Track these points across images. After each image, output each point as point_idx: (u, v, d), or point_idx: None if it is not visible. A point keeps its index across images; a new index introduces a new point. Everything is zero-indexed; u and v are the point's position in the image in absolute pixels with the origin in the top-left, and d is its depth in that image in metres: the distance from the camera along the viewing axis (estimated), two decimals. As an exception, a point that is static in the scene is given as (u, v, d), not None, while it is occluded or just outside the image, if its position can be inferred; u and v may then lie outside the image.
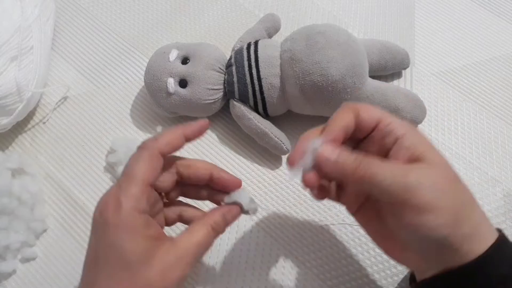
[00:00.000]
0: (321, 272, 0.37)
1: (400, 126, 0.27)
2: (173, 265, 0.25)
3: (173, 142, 0.28)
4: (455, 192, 0.25)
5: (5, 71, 0.40)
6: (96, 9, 0.53)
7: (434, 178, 0.25)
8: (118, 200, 0.25)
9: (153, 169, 0.27)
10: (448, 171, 0.26)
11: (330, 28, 0.39)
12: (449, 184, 0.25)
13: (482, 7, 0.52)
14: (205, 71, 0.40)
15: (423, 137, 0.27)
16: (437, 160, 0.26)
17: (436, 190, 0.24)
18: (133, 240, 0.25)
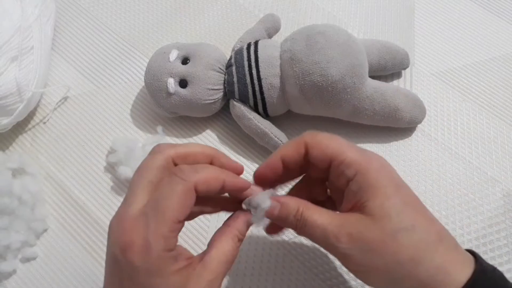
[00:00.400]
0: (321, 272, 0.37)
1: (351, 166, 0.25)
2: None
3: (211, 183, 0.25)
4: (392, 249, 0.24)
5: (6, 71, 0.40)
6: (96, 9, 0.53)
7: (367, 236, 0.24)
8: (146, 241, 0.22)
9: (185, 207, 0.24)
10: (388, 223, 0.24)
11: (330, 28, 0.39)
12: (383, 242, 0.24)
13: (482, 7, 0.52)
14: (205, 71, 0.40)
15: (374, 179, 0.25)
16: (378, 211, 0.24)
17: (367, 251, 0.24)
18: (167, 281, 0.23)
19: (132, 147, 0.41)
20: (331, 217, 0.26)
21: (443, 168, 0.42)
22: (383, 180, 0.25)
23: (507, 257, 0.38)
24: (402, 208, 0.25)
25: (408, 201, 0.25)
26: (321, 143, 0.27)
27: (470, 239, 0.39)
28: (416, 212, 0.25)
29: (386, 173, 0.26)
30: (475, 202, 0.40)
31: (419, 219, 0.25)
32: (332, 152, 0.26)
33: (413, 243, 0.24)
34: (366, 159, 0.26)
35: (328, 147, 0.26)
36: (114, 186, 0.42)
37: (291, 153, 0.28)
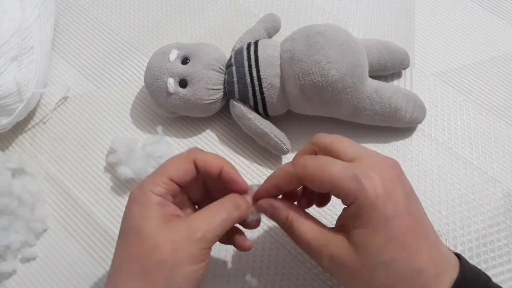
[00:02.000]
0: (321, 272, 0.37)
1: (347, 198, 0.26)
2: (182, 232, 0.26)
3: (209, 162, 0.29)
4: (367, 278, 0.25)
5: (5, 71, 0.40)
6: (96, 9, 0.53)
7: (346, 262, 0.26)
8: (141, 184, 0.28)
9: (182, 170, 0.28)
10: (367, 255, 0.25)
11: (330, 28, 0.39)
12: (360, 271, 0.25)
13: (482, 7, 0.52)
14: (205, 71, 0.40)
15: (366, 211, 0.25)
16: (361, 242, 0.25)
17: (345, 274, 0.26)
18: (146, 210, 0.26)
19: (132, 147, 0.40)
20: (318, 234, 0.27)
21: (443, 168, 0.42)
22: (375, 213, 0.25)
23: (507, 257, 0.38)
24: (385, 243, 0.25)
25: (395, 235, 0.25)
26: (314, 178, 0.27)
27: (470, 239, 0.39)
28: (399, 247, 0.25)
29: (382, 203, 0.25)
30: (475, 202, 0.40)
31: (399, 255, 0.25)
32: (327, 185, 0.26)
33: (389, 277, 0.25)
34: (362, 189, 0.25)
35: (322, 180, 0.26)
36: (114, 186, 0.42)
37: (285, 184, 0.29)
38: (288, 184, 0.29)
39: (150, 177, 0.28)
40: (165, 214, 0.27)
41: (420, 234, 0.26)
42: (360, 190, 0.25)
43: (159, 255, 0.25)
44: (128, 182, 0.42)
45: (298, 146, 0.43)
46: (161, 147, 0.41)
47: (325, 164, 0.26)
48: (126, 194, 0.41)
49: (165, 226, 0.26)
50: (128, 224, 0.27)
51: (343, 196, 0.26)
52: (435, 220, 0.40)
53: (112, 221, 0.40)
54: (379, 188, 0.25)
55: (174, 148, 0.43)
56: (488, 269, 0.37)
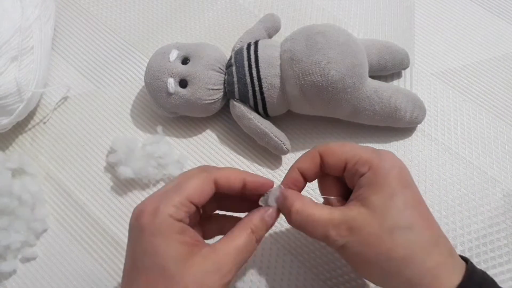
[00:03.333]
0: (321, 272, 0.37)
1: (365, 164, 0.27)
2: (212, 271, 0.24)
3: (231, 179, 0.28)
4: (386, 245, 0.25)
5: (6, 71, 0.40)
6: (96, 9, 0.53)
7: (366, 230, 0.25)
8: (156, 206, 0.25)
9: (202, 191, 0.26)
10: (387, 219, 0.25)
11: (330, 28, 0.39)
12: (380, 237, 0.25)
13: (482, 7, 0.52)
14: (205, 71, 0.40)
15: (383, 176, 0.26)
16: (380, 206, 0.25)
17: (364, 245, 0.26)
18: (169, 245, 0.24)
19: (132, 147, 0.41)
20: (331, 213, 0.27)
21: (443, 168, 0.42)
22: (392, 179, 0.26)
23: (507, 257, 0.38)
24: (404, 208, 0.25)
25: (411, 202, 0.26)
26: (335, 150, 0.28)
27: (470, 239, 0.39)
28: (417, 213, 0.26)
29: (396, 173, 0.27)
30: (475, 202, 0.40)
31: (418, 220, 0.26)
32: (347, 156, 0.28)
33: (408, 243, 0.25)
34: (379, 157, 0.27)
35: (343, 152, 0.28)
36: (114, 186, 0.42)
37: (307, 164, 0.29)
38: (309, 165, 0.29)
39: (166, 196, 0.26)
40: (188, 245, 0.25)
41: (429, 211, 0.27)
42: (378, 159, 0.27)
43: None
44: (129, 182, 0.42)
45: (298, 146, 0.43)
46: (161, 147, 0.41)
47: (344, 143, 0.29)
48: (127, 194, 0.41)
49: (192, 263, 0.24)
50: (149, 261, 0.24)
51: (360, 164, 0.27)
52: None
53: (112, 221, 0.40)
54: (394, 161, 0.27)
55: (174, 148, 0.43)
56: (488, 269, 0.37)
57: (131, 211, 0.40)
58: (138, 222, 0.25)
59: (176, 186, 0.26)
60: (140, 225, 0.25)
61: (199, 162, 0.43)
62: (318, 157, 0.29)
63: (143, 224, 0.25)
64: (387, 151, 0.29)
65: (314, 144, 0.43)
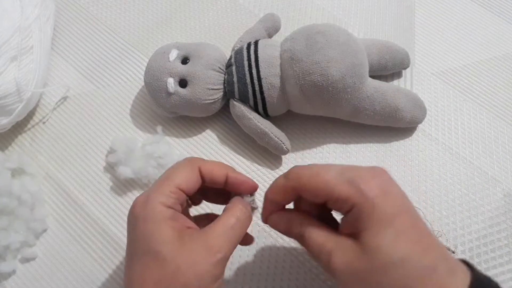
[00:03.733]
0: (321, 272, 0.37)
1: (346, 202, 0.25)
2: (202, 250, 0.25)
3: (215, 171, 0.29)
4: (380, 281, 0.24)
5: (5, 71, 0.40)
6: (96, 9, 0.53)
7: (357, 266, 0.25)
8: (147, 196, 0.26)
9: (189, 179, 0.28)
10: (378, 255, 0.24)
11: (330, 28, 0.39)
12: (372, 274, 0.24)
13: (482, 7, 0.52)
14: (205, 71, 0.40)
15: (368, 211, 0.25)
16: (370, 242, 0.24)
17: (357, 280, 0.25)
18: (160, 230, 0.25)
19: (132, 147, 0.40)
20: (327, 240, 0.26)
21: (443, 168, 0.42)
22: (377, 212, 0.24)
23: (508, 257, 0.38)
24: (395, 240, 0.24)
25: (402, 230, 0.25)
26: (308, 187, 0.26)
27: (471, 239, 0.39)
28: (411, 241, 0.24)
29: (382, 202, 0.25)
30: (476, 202, 0.40)
31: (412, 249, 0.24)
32: (323, 193, 0.26)
33: (403, 275, 0.24)
34: (359, 192, 0.25)
35: (317, 188, 0.26)
36: (113, 186, 0.42)
37: (281, 198, 0.29)
38: (284, 198, 0.28)
39: (156, 187, 0.27)
40: (179, 229, 0.26)
41: (424, 232, 0.26)
42: (358, 193, 0.25)
43: (183, 279, 0.24)
44: (128, 182, 0.42)
45: (298, 146, 0.43)
46: (161, 147, 0.41)
47: (318, 172, 0.26)
48: (126, 194, 0.41)
49: (183, 245, 0.25)
50: (142, 247, 0.25)
51: (341, 202, 0.25)
52: (435, 220, 0.40)
53: (112, 221, 0.40)
54: (376, 189, 0.25)
55: (174, 148, 0.43)
56: (489, 269, 0.37)
57: (130, 211, 0.40)
58: (131, 213, 0.27)
59: (165, 177, 0.28)
60: (133, 214, 0.26)
61: (199, 162, 0.43)
62: (293, 193, 0.28)
63: (136, 213, 0.26)
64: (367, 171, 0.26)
65: (314, 144, 0.43)
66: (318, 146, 0.43)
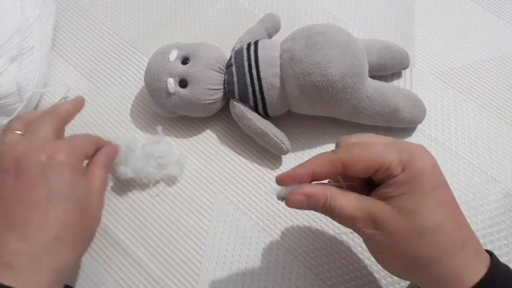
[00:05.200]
0: (321, 272, 0.37)
1: (398, 167, 0.26)
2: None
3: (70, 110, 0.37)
4: (413, 244, 0.25)
5: (6, 71, 0.40)
6: (96, 9, 0.53)
7: (392, 227, 0.25)
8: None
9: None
10: (415, 219, 0.25)
11: (330, 28, 0.39)
12: (406, 236, 0.25)
13: (482, 7, 0.52)
14: (205, 71, 0.40)
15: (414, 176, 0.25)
16: (409, 206, 0.25)
17: (389, 240, 0.26)
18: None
19: (132, 147, 0.40)
20: (359, 204, 0.26)
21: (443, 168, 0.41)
22: (423, 179, 0.26)
23: (508, 257, 0.38)
24: (433, 209, 0.25)
25: (441, 201, 0.26)
26: (360, 158, 0.26)
27: (470, 239, 0.39)
28: (446, 214, 0.26)
29: (428, 173, 0.26)
30: (475, 202, 0.40)
31: (447, 221, 0.25)
32: (375, 164, 0.26)
33: (435, 244, 0.25)
34: (411, 157, 0.26)
35: (370, 160, 0.26)
36: (113, 186, 0.42)
37: (325, 171, 0.27)
38: (328, 171, 0.27)
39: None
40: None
41: (460, 210, 0.27)
42: (409, 159, 0.26)
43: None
44: (128, 182, 0.42)
45: (298, 146, 0.43)
46: (161, 147, 0.41)
47: (369, 144, 0.27)
48: (126, 194, 0.41)
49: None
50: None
51: (393, 168, 0.26)
52: (435, 220, 0.40)
53: (112, 221, 0.40)
54: (426, 159, 0.26)
55: (174, 148, 0.43)
56: (488, 269, 0.37)
57: (131, 211, 0.40)
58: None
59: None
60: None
61: (199, 162, 0.43)
62: (340, 166, 0.27)
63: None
64: (417, 146, 0.27)
65: (314, 144, 0.43)
66: (318, 146, 0.43)
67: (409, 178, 0.25)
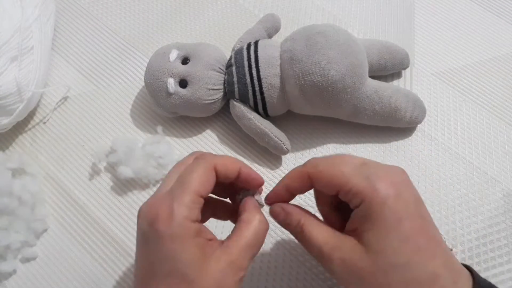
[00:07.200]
0: (321, 272, 0.37)
1: (357, 196, 0.25)
2: (228, 271, 0.25)
3: (229, 167, 0.28)
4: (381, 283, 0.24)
5: (6, 71, 0.40)
6: (96, 9, 0.53)
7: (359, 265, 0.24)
8: (171, 209, 0.24)
9: (206, 182, 0.26)
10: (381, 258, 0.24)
11: (330, 28, 0.39)
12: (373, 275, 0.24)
13: (482, 7, 0.52)
14: (205, 71, 0.40)
15: (377, 211, 0.24)
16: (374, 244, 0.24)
17: (356, 279, 0.25)
18: (187, 251, 0.24)
19: (132, 147, 0.41)
20: (329, 237, 0.26)
21: (443, 168, 0.42)
22: (386, 213, 0.24)
23: (507, 257, 0.38)
24: (400, 244, 0.24)
25: (407, 236, 0.24)
26: (324, 175, 0.27)
27: (470, 239, 0.39)
28: (413, 249, 0.24)
29: (392, 203, 0.24)
30: (475, 202, 0.40)
31: (414, 257, 0.24)
32: (338, 183, 0.26)
33: (403, 281, 0.24)
34: (372, 188, 0.25)
35: (333, 177, 0.26)
36: (114, 186, 0.42)
37: (295, 184, 0.28)
38: (298, 185, 0.28)
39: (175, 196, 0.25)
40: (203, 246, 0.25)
41: (433, 238, 0.25)
42: (371, 189, 0.25)
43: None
44: (128, 182, 0.42)
45: (298, 146, 0.43)
46: (161, 147, 0.41)
47: (336, 163, 0.27)
48: (126, 194, 0.41)
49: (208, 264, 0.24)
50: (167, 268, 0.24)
51: (352, 195, 0.25)
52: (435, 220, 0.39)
53: (112, 221, 0.40)
54: (390, 188, 0.25)
55: (174, 148, 0.43)
56: (488, 269, 0.37)
57: (131, 211, 0.40)
58: (153, 227, 0.24)
59: (181, 183, 0.26)
60: (156, 230, 0.24)
61: (199, 162, 0.43)
62: (307, 178, 0.27)
63: (161, 230, 0.24)
64: (386, 171, 0.26)
65: (314, 144, 0.43)
66: (318, 146, 0.43)
67: (370, 212, 0.25)
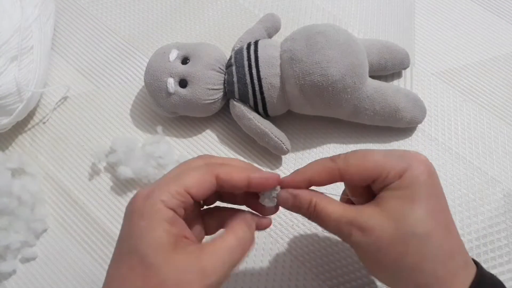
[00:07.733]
0: (321, 272, 0.37)
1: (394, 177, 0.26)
2: (194, 270, 0.22)
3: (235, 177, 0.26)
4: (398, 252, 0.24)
5: (5, 71, 0.40)
6: (96, 9, 0.53)
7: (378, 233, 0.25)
8: (151, 191, 0.24)
9: (202, 184, 0.25)
10: (403, 224, 0.25)
11: (330, 28, 0.39)
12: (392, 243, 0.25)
13: (482, 7, 0.52)
14: (205, 71, 0.40)
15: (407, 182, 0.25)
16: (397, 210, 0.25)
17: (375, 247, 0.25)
18: (153, 231, 0.23)
19: (132, 147, 0.40)
20: (344, 211, 0.26)
21: (443, 168, 0.42)
22: (418, 187, 0.25)
23: (508, 257, 0.38)
24: (424, 215, 0.25)
25: (433, 210, 0.25)
26: (359, 167, 0.26)
27: (471, 239, 0.39)
28: (436, 223, 0.25)
29: (423, 180, 0.25)
30: (476, 202, 0.40)
31: (436, 230, 0.25)
32: (374, 173, 0.26)
33: (421, 252, 0.24)
34: (409, 166, 0.26)
35: (367, 169, 0.26)
36: (113, 186, 0.42)
37: (321, 179, 0.27)
38: (324, 179, 0.27)
39: (162, 183, 0.24)
40: (173, 236, 0.23)
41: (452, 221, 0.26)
42: (407, 167, 0.26)
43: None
44: (128, 182, 0.42)
45: (298, 146, 0.43)
46: (161, 147, 0.41)
47: (366, 154, 0.27)
48: (126, 194, 0.41)
49: (174, 256, 0.22)
50: (129, 246, 0.23)
51: (392, 177, 0.25)
52: (435, 220, 0.40)
53: (112, 221, 0.40)
54: (423, 167, 0.26)
55: (174, 148, 0.43)
56: (488, 269, 0.37)
57: (131, 211, 0.40)
58: (130, 205, 0.24)
59: (176, 175, 0.25)
60: (131, 207, 0.24)
61: (199, 162, 0.43)
62: (338, 175, 0.27)
63: (134, 207, 0.24)
64: (415, 154, 0.27)
65: (314, 144, 0.43)
66: (318, 146, 0.43)
67: (404, 185, 0.25)
